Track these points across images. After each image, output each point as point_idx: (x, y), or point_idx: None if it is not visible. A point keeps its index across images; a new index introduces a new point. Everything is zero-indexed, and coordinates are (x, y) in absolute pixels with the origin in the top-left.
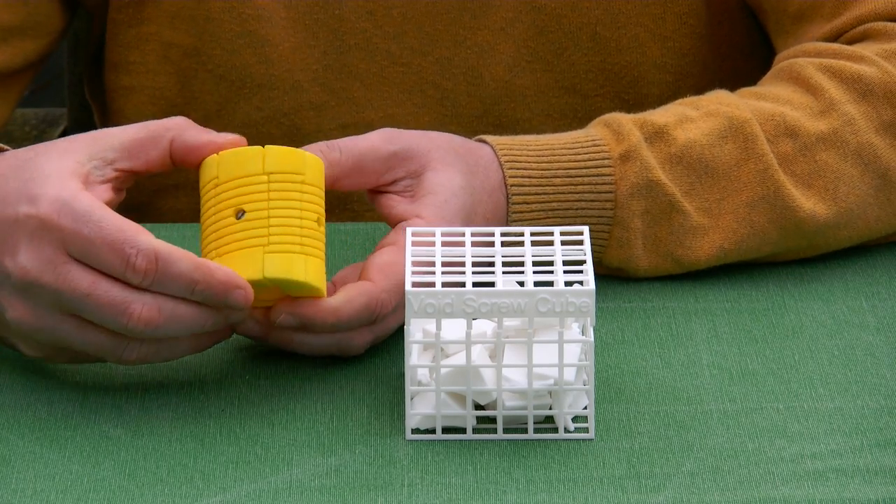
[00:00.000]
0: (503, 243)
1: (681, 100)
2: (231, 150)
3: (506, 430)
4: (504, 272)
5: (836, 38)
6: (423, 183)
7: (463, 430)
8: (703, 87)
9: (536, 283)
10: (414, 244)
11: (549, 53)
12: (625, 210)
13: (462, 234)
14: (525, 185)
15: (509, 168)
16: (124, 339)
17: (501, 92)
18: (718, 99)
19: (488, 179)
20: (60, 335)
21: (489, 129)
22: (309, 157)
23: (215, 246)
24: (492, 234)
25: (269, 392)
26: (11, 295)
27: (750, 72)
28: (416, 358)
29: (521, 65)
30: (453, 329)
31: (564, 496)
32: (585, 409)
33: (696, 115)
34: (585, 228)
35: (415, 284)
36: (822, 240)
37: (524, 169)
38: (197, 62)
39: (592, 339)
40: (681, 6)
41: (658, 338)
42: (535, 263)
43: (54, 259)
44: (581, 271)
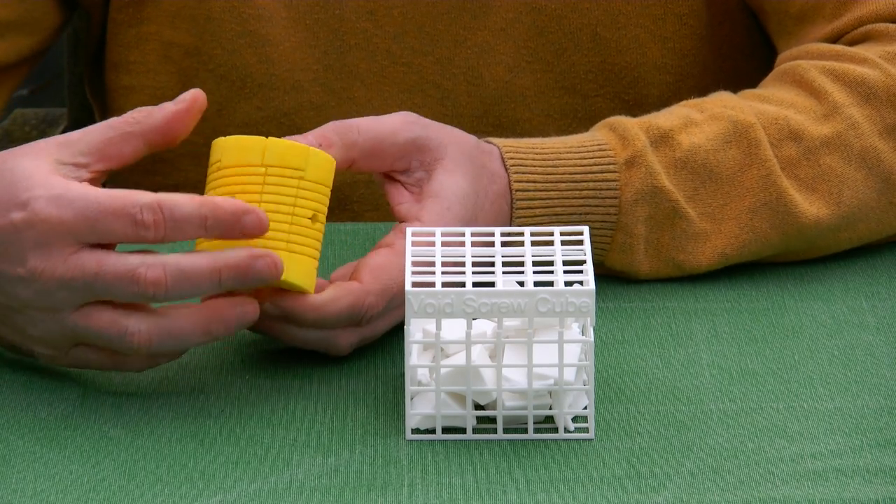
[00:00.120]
0: (503, 243)
1: (684, 101)
2: (237, 136)
3: (506, 430)
4: (504, 272)
5: (837, 38)
6: (431, 183)
7: (463, 430)
8: (704, 87)
9: (536, 283)
10: (414, 244)
11: (550, 54)
12: (628, 216)
13: (462, 234)
14: (529, 189)
15: (515, 172)
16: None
17: (502, 92)
18: (723, 102)
19: (493, 185)
20: (80, 331)
21: (489, 130)
22: (313, 153)
23: None
24: (492, 234)
25: (269, 392)
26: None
27: (750, 73)
28: (416, 358)
29: (521, 65)
30: (453, 329)
31: (564, 496)
32: (585, 409)
33: (700, 118)
34: (585, 228)
35: (415, 284)
36: (823, 242)
37: (530, 173)
38: (197, 62)
39: (592, 339)
40: (681, 7)
41: (658, 338)
42: (535, 263)
43: (63, 251)
44: (581, 271)
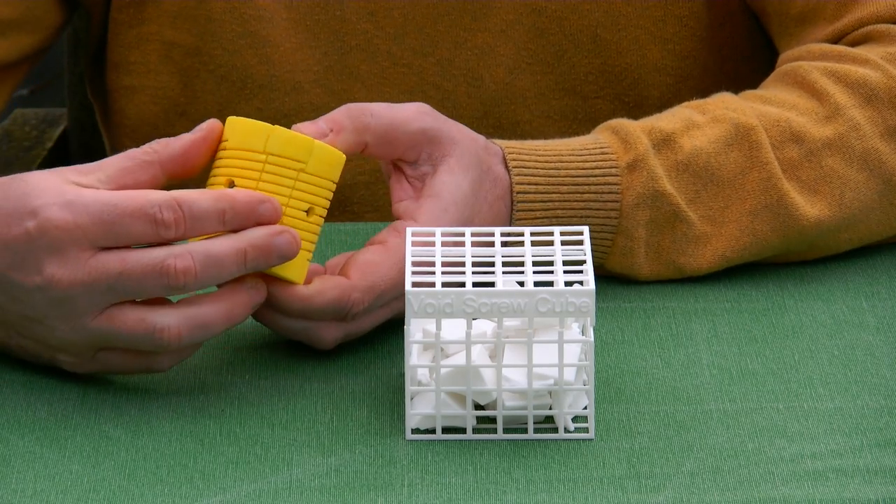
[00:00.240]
0: (503, 243)
1: (686, 103)
2: (246, 119)
3: (506, 430)
4: (504, 272)
5: (838, 39)
6: (433, 181)
7: (463, 430)
8: (704, 89)
9: (536, 283)
10: (414, 244)
11: (550, 55)
12: (629, 219)
13: (462, 235)
14: (530, 191)
15: (517, 174)
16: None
17: (502, 94)
18: (725, 104)
19: (494, 188)
20: (105, 335)
21: (489, 131)
22: (318, 147)
23: None
24: (492, 235)
25: (269, 392)
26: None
27: (750, 74)
28: (416, 358)
29: (521, 67)
30: (453, 329)
31: (564, 496)
32: (585, 409)
33: (702, 120)
34: (585, 228)
35: (415, 284)
36: (823, 243)
37: (532, 175)
38: (198, 62)
39: (592, 339)
40: (681, 9)
41: (658, 338)
42: (535, 263)
43: (80, 256)
44: (581, 271)
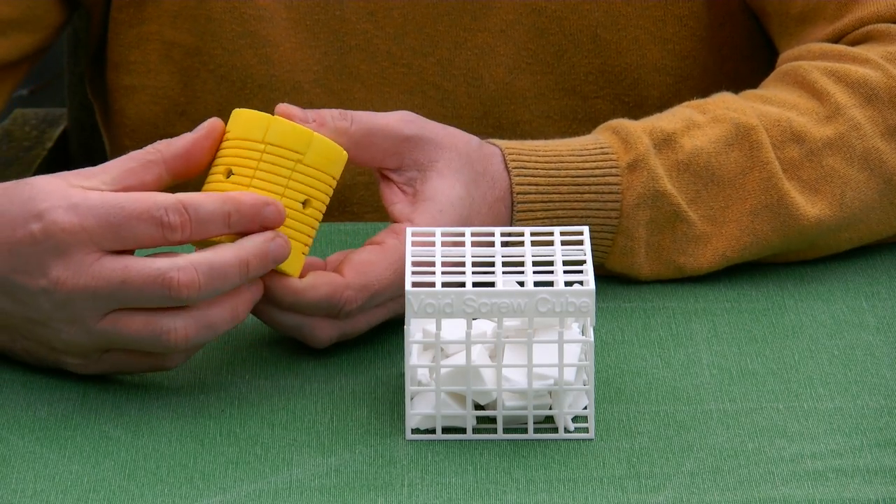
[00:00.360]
0: (503, 243)
1: (687, 102)
2: (248, 110)
3: (506, 430)
4: (504, 272)
5: (838, 39)
6: (425, 186)
7: (463, 430)
8: (704, 89)
9: (536, 283)
10: (414, 244)
11: (550, 55)
12: (630, 219)
13: (462, 235)
14: (531, 192)
15: (517, 175)
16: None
17: (501, 93)
18: (725, 103)
19: (492, 190)
20: (111, 337)
21: (489, 131)
22: (318, 140)
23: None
24: (492, 235)
25: (269, 392)
26: (55, 316)
27: (750, 74)
28: (416, 358)
29: (521, 66)
30: (453, 329)
31: (564, 496)
32: (585, 409)
33: (702, 120)
34: (585, 228)
35: (415, 284)
36: (823, 242)
37: (532, 175)
38: (198, 62)
39: (592, 339)
40: (681, 8)
41: (658, 338)
42: (535, 263)
43: (85, 259)
44: (581, 271)
